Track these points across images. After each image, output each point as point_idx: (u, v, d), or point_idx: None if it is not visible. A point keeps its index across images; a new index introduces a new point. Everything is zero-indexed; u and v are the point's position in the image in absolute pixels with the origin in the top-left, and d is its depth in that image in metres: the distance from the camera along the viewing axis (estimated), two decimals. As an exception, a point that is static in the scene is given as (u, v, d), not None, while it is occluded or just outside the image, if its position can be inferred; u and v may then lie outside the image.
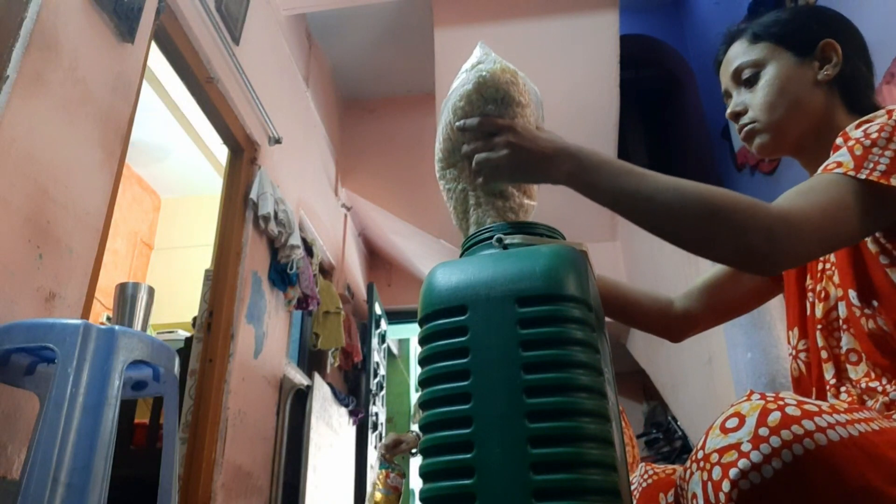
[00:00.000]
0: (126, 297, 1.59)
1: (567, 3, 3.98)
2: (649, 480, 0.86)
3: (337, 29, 4.43)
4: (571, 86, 4.27)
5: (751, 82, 0.92)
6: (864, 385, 0.77)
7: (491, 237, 0.76)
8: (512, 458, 0.59)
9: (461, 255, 0.80)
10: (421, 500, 0.62)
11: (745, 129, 0.92)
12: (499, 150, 0.79)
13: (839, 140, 0.76)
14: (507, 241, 0.75)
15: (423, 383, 0.67)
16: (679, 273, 3.61)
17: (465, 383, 0.63)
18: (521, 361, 0.62)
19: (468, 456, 0.61)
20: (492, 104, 0.81)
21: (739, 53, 0.93)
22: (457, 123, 0.83)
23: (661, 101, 6.50)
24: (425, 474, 0.63)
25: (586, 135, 4.40)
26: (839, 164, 0.72)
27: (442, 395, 0.65)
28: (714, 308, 1.02)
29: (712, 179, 5.22)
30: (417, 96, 5.02)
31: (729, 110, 0.94)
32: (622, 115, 4.35)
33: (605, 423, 0.61)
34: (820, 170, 0.74)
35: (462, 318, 0.66)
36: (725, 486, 0.55)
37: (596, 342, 0.65)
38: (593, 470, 0.58)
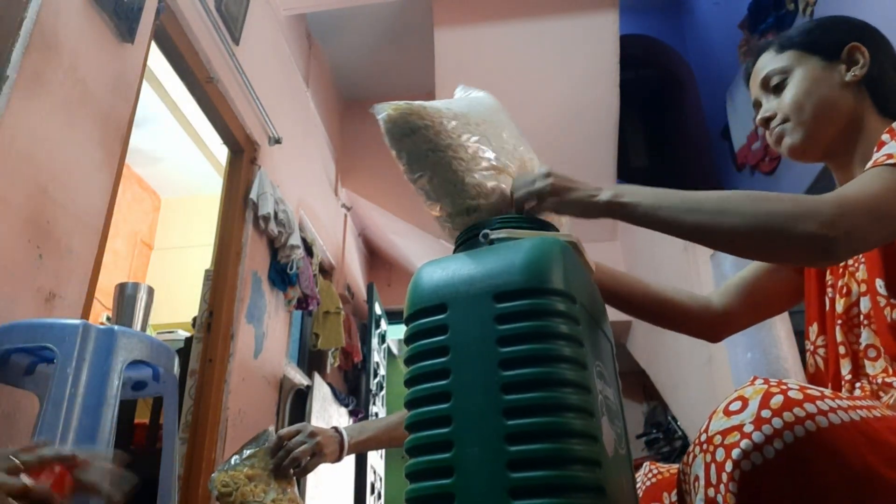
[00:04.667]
0: (126, 297, 1.59)
1: (567, 3, 3.98)
2: (653, 479, 0.86)
3: (337, 29, 4.42)
4: (571, 86, 4.27)
5: (779, 88, 0.93)
6: (880, 380, 0.77)
7: (479, 233, 0.76)
8: (488, 457, 0.58)
9: (453, 253, 0.80)
10: (406, 500, 0.62)
11: (776, 131, 0.92)
12: (541, 182, 0.80)
13: (885, 136, 0.77)
14: (493, 237, 0.74)
15: (407, 383, 0.67)
16: (679, 273, 3.61)
17: (445, 382, 0.63)
18: (498, 358, 0.61)
19: (447, 455, 0.60)
20: (405, 138, 0.83)
21: (767, 63, 0.95)
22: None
23: (661, 101, 6.50)
24: (409, 474, 0.63)
25: (586, 135, 4.40)
26: (890, 156, 0.72)
27: (423, 395, 0.64)
28: (752, 306, 1.01)
29: (712, 179, 5.22)
30: (417, 96, 4.94)
31: (759, 116, 0.95)
32: (622, 115, 4.35)
33: (588, 417, 0.60)
34: (869, 165, 0.74)
35: (442, 316, 0.66)
36: (728, 466, 0.55)
37: (580, 335, 0.63)
38: (575, 466, 0.57)
